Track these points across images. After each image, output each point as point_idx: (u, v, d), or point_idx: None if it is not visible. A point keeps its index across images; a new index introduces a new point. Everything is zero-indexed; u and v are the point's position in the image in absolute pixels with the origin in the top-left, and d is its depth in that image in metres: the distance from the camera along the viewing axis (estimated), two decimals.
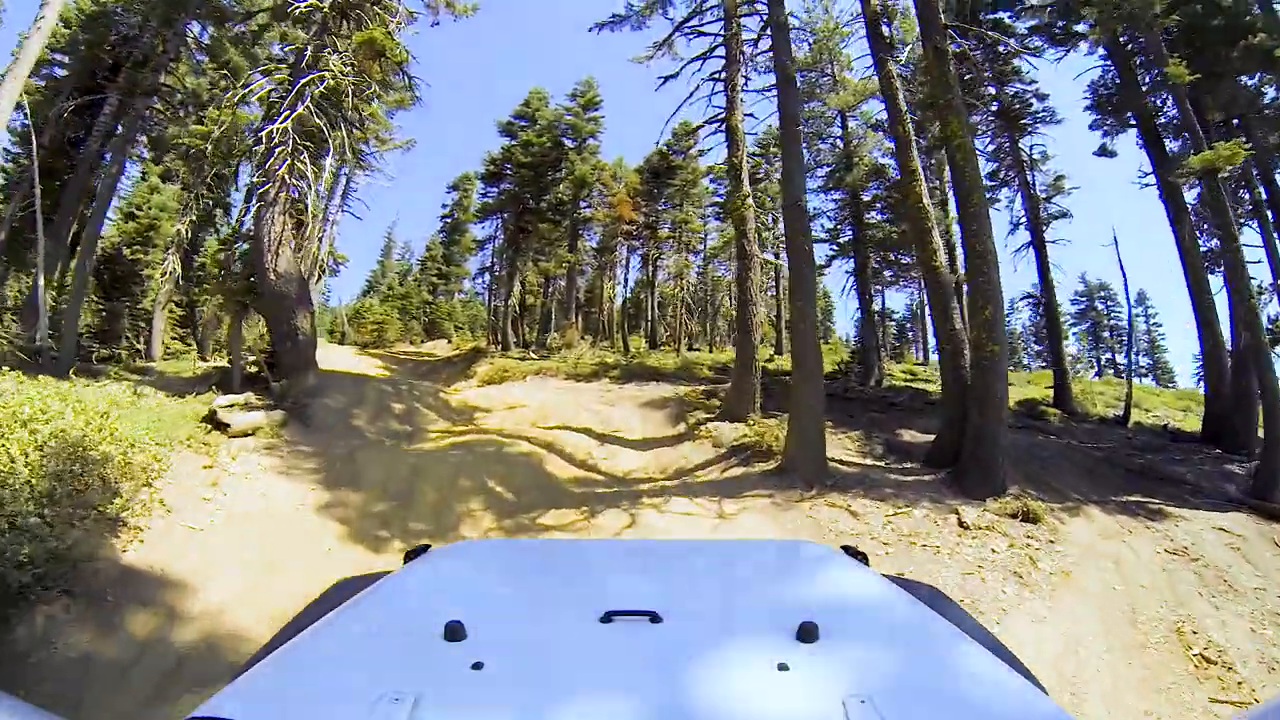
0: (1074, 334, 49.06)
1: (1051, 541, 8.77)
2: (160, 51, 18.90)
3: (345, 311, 49.14)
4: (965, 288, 12.98)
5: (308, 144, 13.74)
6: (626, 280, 41.85)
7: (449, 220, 45.37)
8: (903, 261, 30.11)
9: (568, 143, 33.69)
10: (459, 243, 46.00)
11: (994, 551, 8.27)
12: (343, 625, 1.38)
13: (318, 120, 14.00)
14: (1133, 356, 22.75)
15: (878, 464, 12.06)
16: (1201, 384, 21.60)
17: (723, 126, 16.81)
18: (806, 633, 1.19)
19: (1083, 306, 50.59)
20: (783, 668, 1.11)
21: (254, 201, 13.54)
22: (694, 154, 41.00)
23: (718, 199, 38.78)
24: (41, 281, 16.01)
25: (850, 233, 31.81)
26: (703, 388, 18.31)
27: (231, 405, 11.28)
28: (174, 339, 25.29)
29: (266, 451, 9.84)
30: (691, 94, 17.42)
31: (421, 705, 0.99)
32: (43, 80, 18.86)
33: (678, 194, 40.15)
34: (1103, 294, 49.87)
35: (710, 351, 36.11)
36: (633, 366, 23.93)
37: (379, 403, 14.62)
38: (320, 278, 21.80)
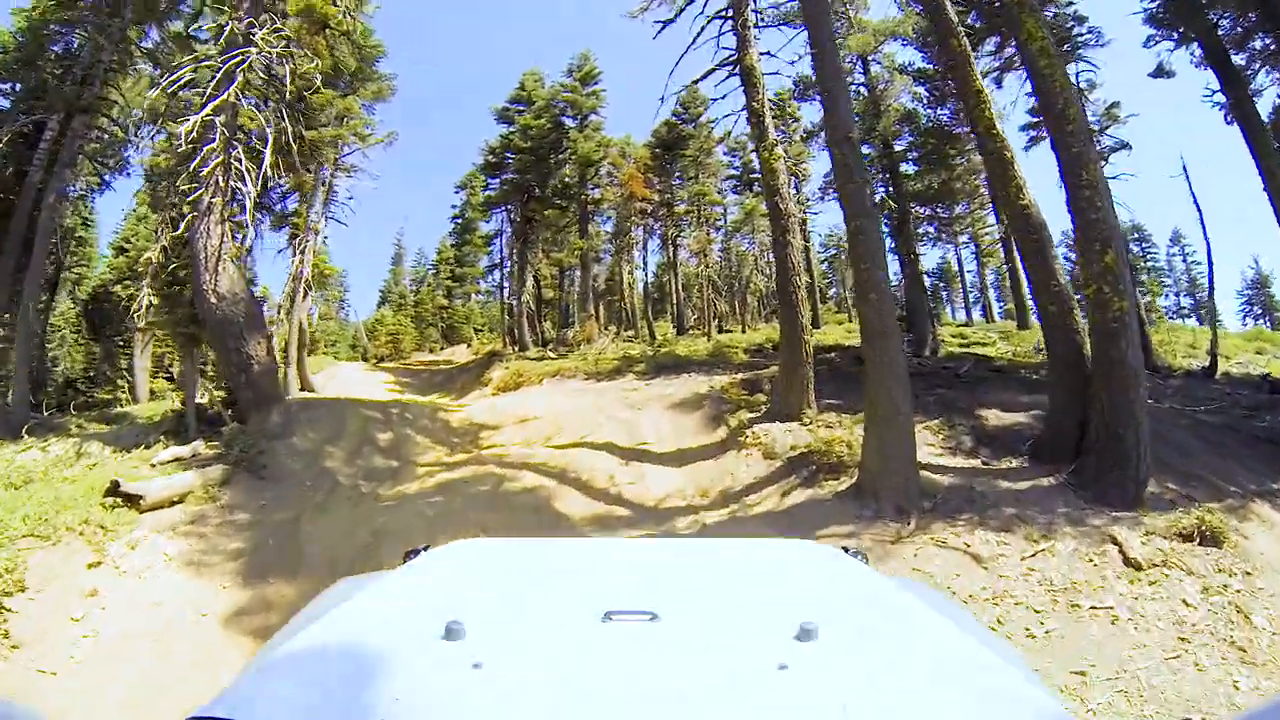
0: None
1: (1249, 573, 6.11)
2: (97, 61, 16.83)
3: (365, 326, 47.51)
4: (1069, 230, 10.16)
5: (241, 138, 11.46)
6: (646, 264, 39.17)
7: (459, 221, 43.23)
8: (942, 215, 27.63)
9: (568, 122, 31.19)
10: (470, 242, 43.91)
11: (1187, 605, 5.63)
12: (342, 625, 1.37)
13: (254, 109, 11.73)
14: (1214, 299, 19.51)
15: (974, 463, 9.40)
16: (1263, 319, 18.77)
17: (735, 70, 14.15)
18: (806, 633, 1.19)
19: None
20: (783, 668, 1.10)
21: (186, 212, 11.29)
22: (705, 122, 38.55)
23: (733, 172, 36.02)
24: None
25: (882, 189, 29.23)
26: (741, 377, 15.77)
27: (160, 465, 9.11)
28: (166, 377, 23.50)
29: (185, 530, 7.56)
30: (695, 39, 14.82)
31: (422, 705, 1.00)
32: None
33: (692, 166, 37.40)
34: (1136, 235, 46.02)
35: (743, 332, 33.40)
36: (660, 357, 21.51)
37: (362, 434, 12.37)
38: (305, 294, 19.57)
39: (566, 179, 30.52)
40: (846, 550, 1.98)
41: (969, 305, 51.70)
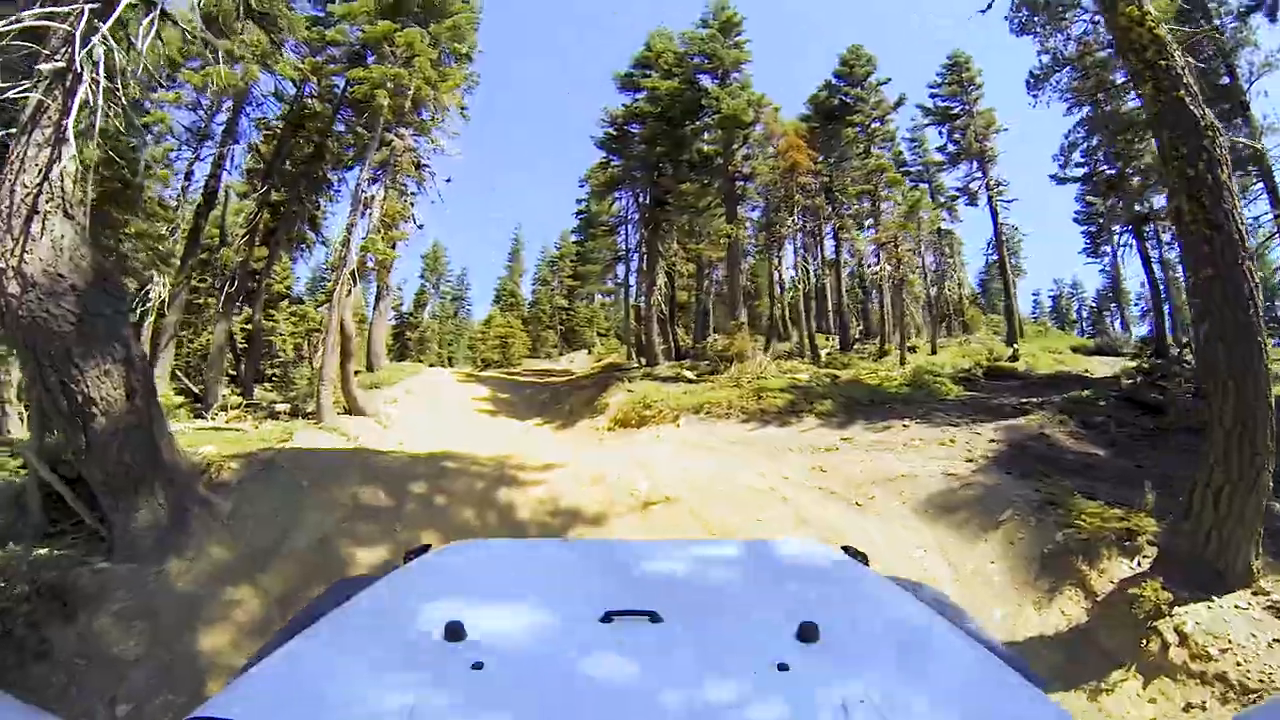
0: None
1: None
2: None
3: (474, 329, 43.50)
4: None
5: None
6: (807, 260, 31.69)
7: (583, 216, 37.95)
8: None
9: (706, 81, 24.61)
10: (594, 236, 38.58)
11: None
12: (343, 625, 1.36)
13: None
14: None
15: None
16: None
17: None
18: (806, 633, 1.19)
19: None
20: (783, 668, 1.10)
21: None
22: (875, 83, 30.90)
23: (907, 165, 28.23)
24: None
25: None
26: (1014, 438, 9.29)
27: None
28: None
29: None
30: None
31: (421, 705, 0.99)
32: None
33: (861, 141, 29.92)
34: None
35: (933, 352, 25.51)
36: (845, 389, 14.67)
37: (321, 549, 6.52)
38: (349, 288, 14.31)
39: (707, 147, 24.09)
40: (846, 550, 1.90)
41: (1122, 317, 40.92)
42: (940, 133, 32.58)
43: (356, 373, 17.18)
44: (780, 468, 9.57)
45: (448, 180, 18.37)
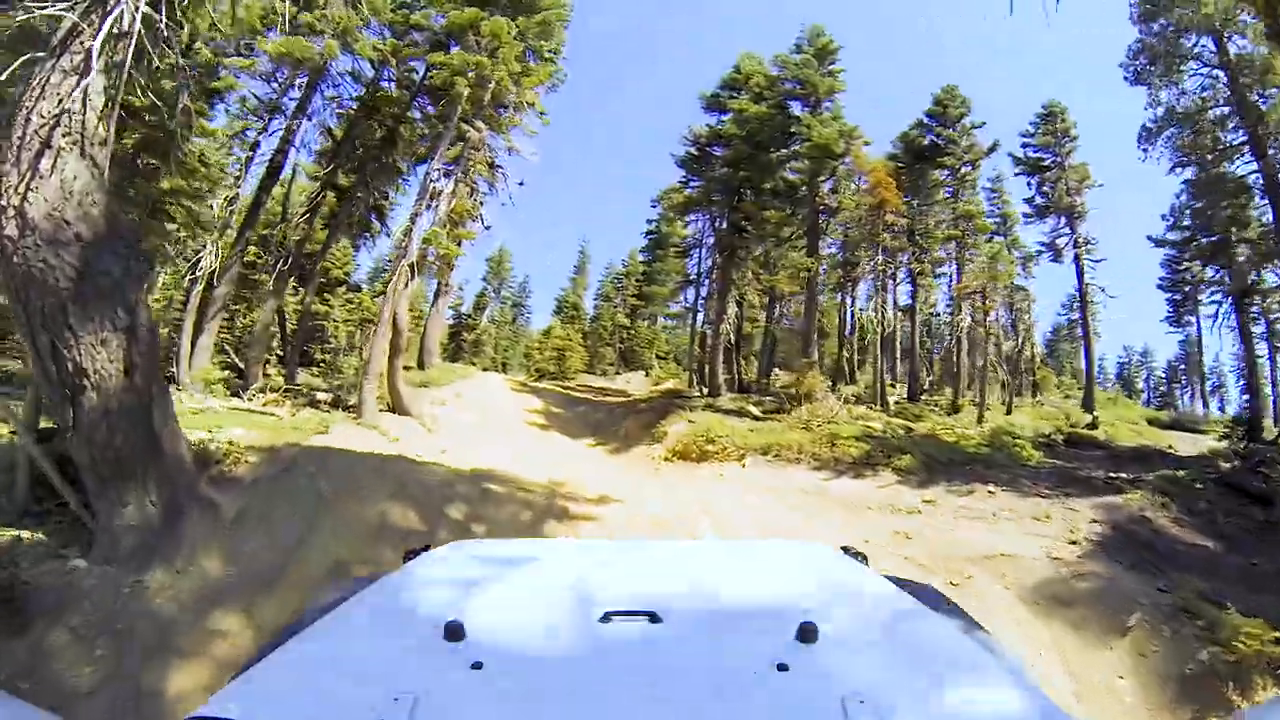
0: None
1: None
2: None
3: (538, 338, 42.99)
4: None
5: None
6: (883, 303, 30.13)
7: (653, 236, 37.15)
8: None
9: (796, 107, 23.55)
10: (662, 259, 37.69)
11: None
12: (343, 625, 1.35)
13: None
14: None
15: None
16: None
17: None
18: (806, 633, 1.16)
19: None
20: (783, 668, 1.08)
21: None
22: (968, 126, 29.32)
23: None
24: None
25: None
26: (1113, 517, 8.65)
27: None
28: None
29: None
30: None
31: (421, 705, 0.97)
32: None
33: (948, 183, 28.41)
34: None
35: (1008, 413, 23.52)
36: (922, 444, 13.36)
37: (335, 574, 5.55)
38: (407, 280, 13.58)
39: (792, 175, 22.98)
40: (847, 550, 1.89)
41: (1204, 391, 37.76)
42: (1029, 184, 30.78)
43: (407, 368, 16.59)
44: (859, 528, 8.35)
45: (520, 183, 17.75)
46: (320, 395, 14.13)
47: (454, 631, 1.15)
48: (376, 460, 8.71)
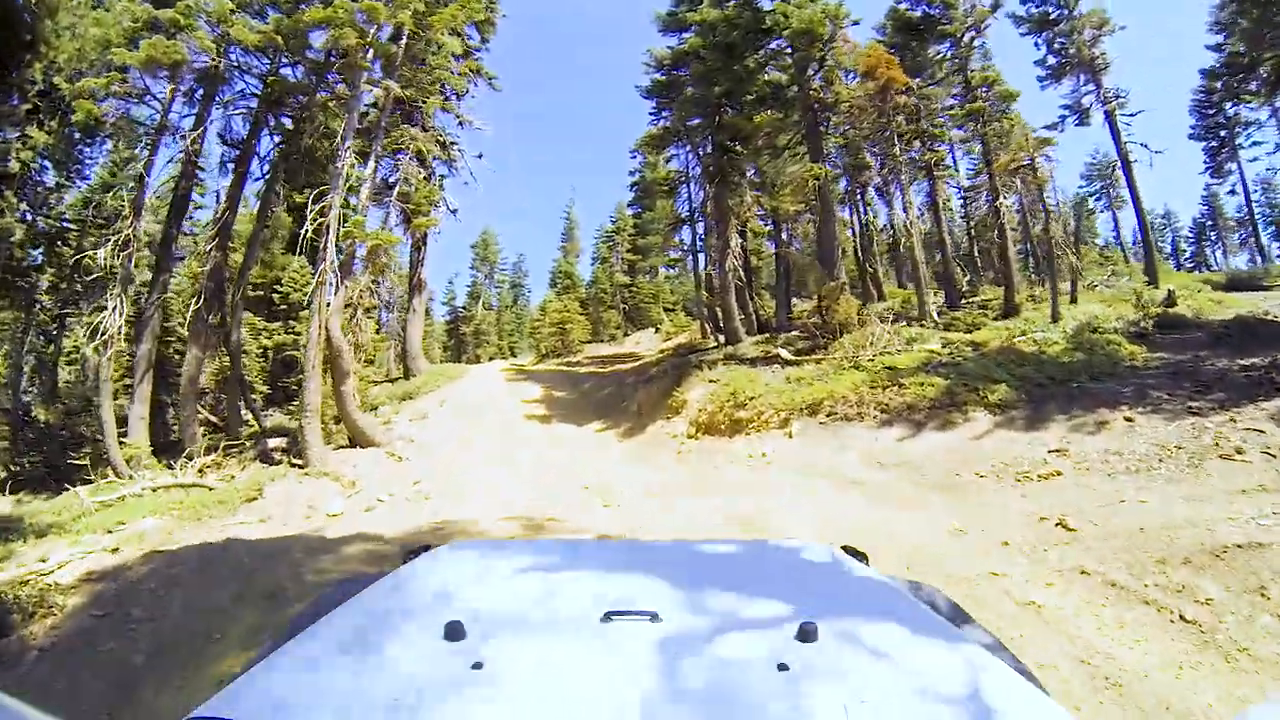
0: None
1: None
2: None
3: (536, 316, 40.62)
4: None
5: None
6: (905, 204, 27.07)
7: (638, 186, 34.20)
8: None
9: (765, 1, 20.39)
10: (651, 207, 34.81)
11: None
12: (343, 625, 1.33)
13: None
14: None
15: None
16: None
17: None
18: (806, 633, 1.17)
19: None
20: (783, 668, 1.08)
21: None
22: None
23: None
24: None
25: None
26: None
27: None
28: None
29: None
30: None
31: (421, 705, 0.97)
32: None
33: (950, 59, 24.98)
34: None
35: (1073, 303, 20.49)
36: (1000, 361, 10.77)
37: None
38: (335, 285, 11.09)
39: (777, 74, 19.97)
40: (846, 550, 1.86)
41: None
42: (1037, 44, 27.18)
43: (391, 380, 14.34)
44: (983, 521, 5.79)
45: (479, 155, 15.18)
46: (273, 442, 11.82)
47: (454, 631, 1.15)
48: (267, 549, 6.29)
